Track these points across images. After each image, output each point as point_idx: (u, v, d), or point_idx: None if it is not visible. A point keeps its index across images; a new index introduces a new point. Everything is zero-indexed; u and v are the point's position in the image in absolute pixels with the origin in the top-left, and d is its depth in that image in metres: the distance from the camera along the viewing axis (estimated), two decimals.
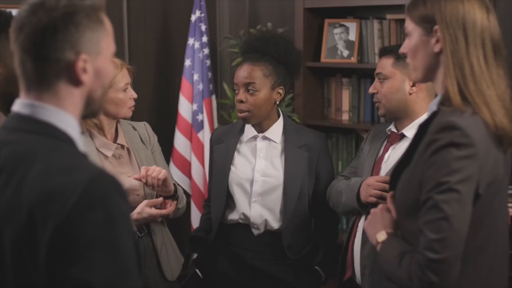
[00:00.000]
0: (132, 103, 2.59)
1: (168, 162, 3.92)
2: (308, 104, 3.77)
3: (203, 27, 3.85)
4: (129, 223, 1.31)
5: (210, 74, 3.89)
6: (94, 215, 1.22)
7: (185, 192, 3.91)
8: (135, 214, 2.48)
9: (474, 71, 1.66)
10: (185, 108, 3.88)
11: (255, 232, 2.71)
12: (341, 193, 2.54)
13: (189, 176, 3.92)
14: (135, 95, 2.60)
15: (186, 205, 2.74)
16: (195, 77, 3.85)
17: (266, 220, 2.68)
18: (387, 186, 2.19)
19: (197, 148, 3.88)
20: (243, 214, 2.69)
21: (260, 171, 2.68)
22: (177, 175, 3.89)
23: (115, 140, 2.57)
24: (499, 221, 1.75)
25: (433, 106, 1.74)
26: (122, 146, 2.58)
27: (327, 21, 3.72)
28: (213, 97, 3.93)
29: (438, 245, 1.56)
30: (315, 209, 2.76)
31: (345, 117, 3.77)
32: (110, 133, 2.57)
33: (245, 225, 2.71)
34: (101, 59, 1.40)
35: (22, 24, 1.35)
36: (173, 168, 3.91)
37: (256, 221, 2.68)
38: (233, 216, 2.73)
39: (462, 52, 1.66)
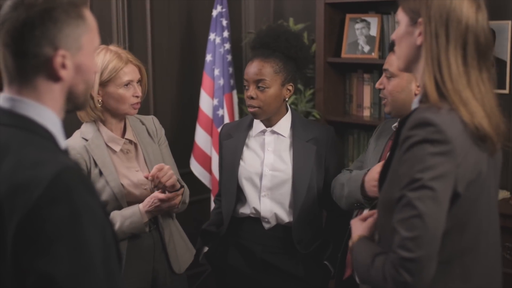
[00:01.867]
0: (135, 100, 2.52)
1: (188, 157, 3.95)
2: (329, 100, 3.74)
3: (224, 22, 3.85)
4: (97, 218, 1.32)
5: (231, 69, 3.89)
6: (58, 209, 1.24)
7: (205, 187, 3.96)
8: (145, 203, 2.50)
9: (451, 71, 1.61)
10: (206, 103, 3.89)
11: (266, 226, 2.71)
12: (343, 186, 2.52)
13: (210, 171, 3.92)
14: (138, 93, 2.53)
15: (187, 204, 2.71)
16: (216, 72, 3.85)
17: (276, 214, 2.68)
18: None
19: (218, 143, 3.87)
20: (254, 208, 2.69)
21: (269, 165, 2.68)
22: (197, 170, 3.91)
23: (123, 135, 2.59)
24: (488, 221, 1.70)
25: (415, 103, 1.71)
26: (130, 141, 2.60)
27: (348, 16, 3.68)
28: (234, 92, 3.92)
29: (411, 243, 1.52)
30: (325, 203, 2.75)
31: (366, 113, 3.73)
32: (118, 127, 2.58)
33: (256, 219, 2.72)
34: (82, 54, 1.42)
35: (4, 20, 1.38)
36: (193, 163, 3.92)
37: (267, 215, 2.69)
38: (245, 210, 2.73)
39: (441, 50, 1.61)
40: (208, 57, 3.87)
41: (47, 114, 1.40)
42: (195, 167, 3.92)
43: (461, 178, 1.57)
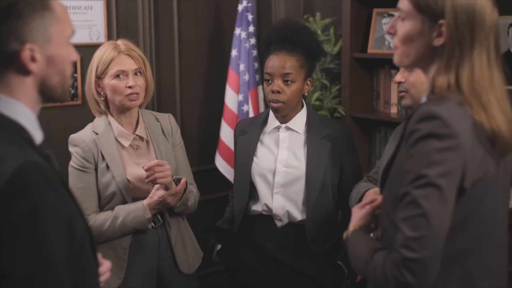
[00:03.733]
0: (129, 91, 2.48)
1: (214, 153, 3.92)
2: (355, 96, 3.66)
3: (250, 17, 3.81)
4: (61, 214, 1.30)
5: (256, 65, 3.84)
6: (17, 205, 1.22)
7: (230, 183, 3.93)
8: (148, 199, 2.49)
9: (473, 75, 1.54)
10: (231, 98, 3.85)
11: (278, 223, 2.67)
12: (351, 198, 2.50)
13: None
14: (130, 83, 2.48)
15: (196, 204, 2.71)
16: (241, 67, 3.81)
17: (288, 212, 2.63)
18: None
19: None
20: (266, 205, 2.66)
21: (283, 162, 2.63)
22: (222, 166, 3.88)
23: (135, 130, 2.57)
24: (494, 222, 1.63)
25: (423, 97, 1.64)
26: (141, 138, 2.58)
27: (375, 10, 3.60)
28: (259, 87, 3.88)
29: (415, 243, 1.47)
30: (340, 202, 2.70)
31: (394, 110, 3.63)
32: (128, 122, 2.57)
33: (269, 216, 2.68)
34: (52, 46, 1.40)
35: None
36: (218, 159, 3.89)
37: (279, 213, 2.64)
38: (257, 207, 2.70)
39: (465, 54, 1.55)
40: (234, 52, 3.84)
41: (20, 109, 1.39)
42: (220, 163, 3.89)
43: (468, 174, 1.51)
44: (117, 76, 2.47)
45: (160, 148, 2.59)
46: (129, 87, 2.48)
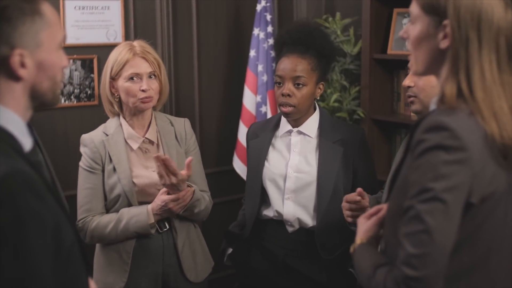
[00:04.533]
0: (143, 94, 2.46)
1: (231, 154, 3.89)
2: (375, 98, 3.59)
3: (268, 17, 3.76)
4: (46, 224, 1.27)
5: (274, 65, 3.78)
6: (1, 214, 1.20)
7: None
8: (152, 203, 2.46)
9: (485, 78, 1.46)
10: (249, 99, 3.81)
11: (289, 229, 2.62)
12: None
13: None
14: (144, 87, 2.45)
15: (208, 212, 2.67)
16: (260, 68, 3.77)
17: (299, 218, 2.59)
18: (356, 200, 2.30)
19: None
20: (277, 211, 2.61)
21: (294, 167, 2.58)
22: (240, 168, 3.84)
23: (145, 133, 2.55)
24: (502, 239, 1.55)
25: (433, 104, 1.57)
26: (151, 141, 2.55)
27: (396, 10, 3.52)
28: None
29: (417, 261, 1.40)
30: None
31: None
32: (140, 125, 2.54)
33: (280, 221, 2.64)
34: (43, 51, 1.38)
35: None
36: (236, 161, 3.86)
37: (289, 218, 2.59)
38: (268, 212, 2.65)
39: (474, 56, 1.47)
40: (252, 53, 3.79)
41: (8, 115, 1.36)
42: (238, 165, 3.85)
43: (476, 190, 1.43)
44: (131, 78, 2.45)
45: (171, 152, 2.55)
46: (143, 90, 2.45)
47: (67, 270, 1.34)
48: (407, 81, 2.26)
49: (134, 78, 2.46)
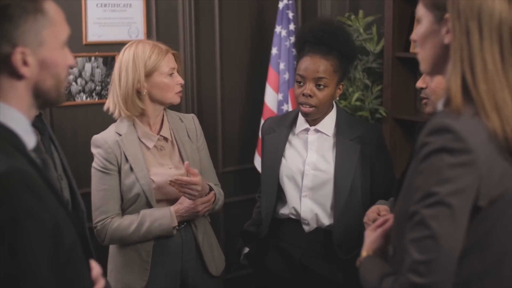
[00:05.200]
0: (179, 88, 2.54)
1: (253, 152, 3.88)
2: (397, 97, 3.56)
3: (291, 15, 3.75)
4: (45, 223, 1.26)
5: (296, 63, 3.77)
6: None
7: None
8: (176, 205, 2.48)
9: (487, 70, 1.43)
10: (270, 97, 3.80)
11: (306, 228, 2.60)
12: None
13: None
14: (181, 81, 2.55)
15: (222, 204, 2.73)
16: (281, 66, 3.75)
17: (316, 216, 2.56)
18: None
19: None
20: (294, 208, 2.59)
21: (311, 165, 2.56)
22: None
23: (159, 131, 2.56)
24: None
25: (439, 106, 1.54)
26: (166, 139, 2.56)
27: None
28: None
29: (423, 267, 1.37)
30: (372, 205, 2.59)
31: None
32: (155, 123, 2.56)
33: (296, 220, 2.61)
34: (45, 49, 1.38)
35: None
36: (257, 159, 3.85)
37: (307, 217, 2.57)
38: (284, 210, 2.63)
39: (475, 47, 1.44)
40: (274, 51, 3.78)
41: (11, 113, 1.37)
42: (259, 163, 3.83)
43: (483, 192, 1.40)
44: (170, 74, 2.51)
45: (186, 149, 2.57)
46: (180, 84, 2.54)
47: (68, 269, 1.34)
48: (419, 83, 2.25)
49: (173, 73, 2.53)
